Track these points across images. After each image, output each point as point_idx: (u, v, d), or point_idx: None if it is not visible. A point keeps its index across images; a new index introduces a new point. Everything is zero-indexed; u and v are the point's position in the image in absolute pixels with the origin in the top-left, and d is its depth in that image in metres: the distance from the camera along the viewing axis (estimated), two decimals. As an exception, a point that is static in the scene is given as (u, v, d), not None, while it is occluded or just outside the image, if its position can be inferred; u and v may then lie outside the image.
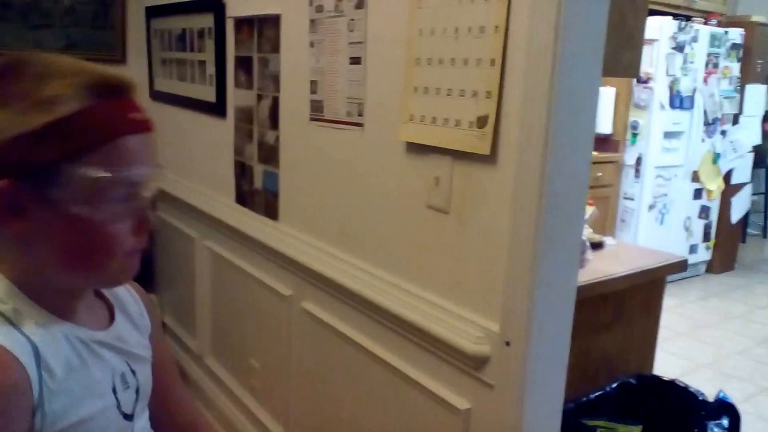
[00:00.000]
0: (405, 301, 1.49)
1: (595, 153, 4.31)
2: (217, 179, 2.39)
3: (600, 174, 4.31)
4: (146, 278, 3.01)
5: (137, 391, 0.88)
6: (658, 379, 1.79)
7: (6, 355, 0.69)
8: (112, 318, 0.89)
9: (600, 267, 1.71)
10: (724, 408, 1.66)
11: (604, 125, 4.40)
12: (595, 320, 1.73)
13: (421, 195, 1.45)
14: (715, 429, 1.61)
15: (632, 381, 1.77)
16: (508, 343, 1.27)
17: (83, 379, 0.78)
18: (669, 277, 4.55)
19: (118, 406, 0.83)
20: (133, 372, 0.88)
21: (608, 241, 1.91)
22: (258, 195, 2.09)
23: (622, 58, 1.68)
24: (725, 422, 1.63)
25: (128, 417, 0.86)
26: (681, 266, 1.85)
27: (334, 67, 1.67)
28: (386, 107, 1.52)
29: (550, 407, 1.35)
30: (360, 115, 1.60)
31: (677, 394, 1.73)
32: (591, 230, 1.89)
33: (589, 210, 1.85)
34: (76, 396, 0.75)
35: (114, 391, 0.83)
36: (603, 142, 4.43)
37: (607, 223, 4.46)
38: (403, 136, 1.47)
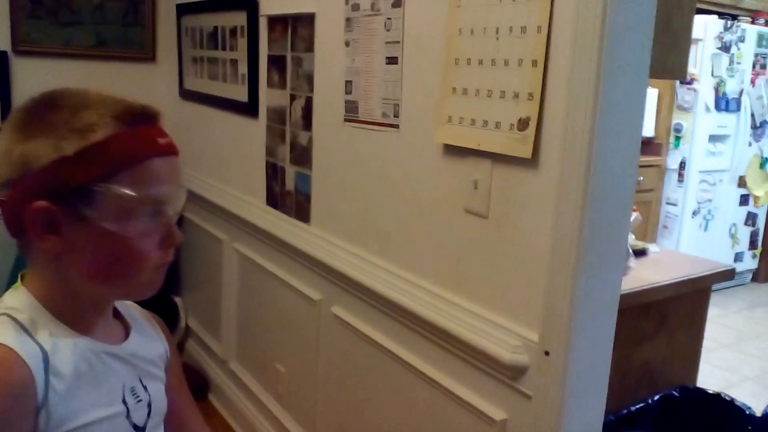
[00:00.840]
0: (439, 308, 1.46)
1: (636, 156, 4.21)
2: (247, 181, 2.36)
3: (641, 178, 4.20)
4: (171, 281, 3.03)
5: (149, 406, 0.91)
6: (702, 391, 1.71)
7: (11, 355, 0.74)
8: (127, 336, 0.92)
9: (643, 275, 1.64)
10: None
11: (646, 128, 4.28)
12: (637, 330, 1.66)
13: (458, 199, 1.41)
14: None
15: (675, 393, 1.70)
16: (547, 353, 1.23)
17: (92, 386, 0.81)
18: (713, 286, 4.46)
19: (128, 416, 0.86)
20: (145, 387, 0.91)
21: (651, 248, 1.84)
22: (289, 197, 2.07)
23: (668, 60, 1.61)
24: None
25: (139, 429, 0.88)
26: (728, 275, 1.77)
27: (369, 66, 1.64)
28: (423, 108, 1.49)
29: (589, 420, 1.30)
30: (396, 116, 1.57)
31: (722, 407, 1.65)
32: (633, 237, 1.82)
33: (632, 216, 1.78)
34: (83, 401, 0.80)
35: (124, 401, 0.86)
36: (645, 146, 4.31)
37: (648, 229, 4.35)
38: (440, 138, 1.43)
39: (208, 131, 2.70)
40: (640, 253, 1.78)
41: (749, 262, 4.79)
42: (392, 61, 1.56)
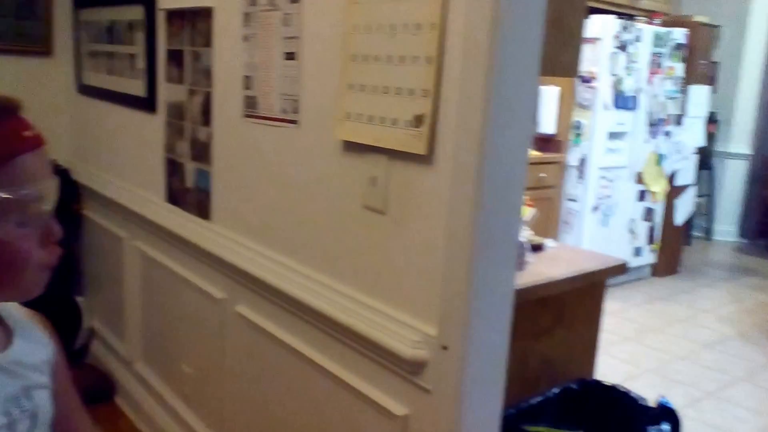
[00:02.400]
0: (341, 304, 1.45)
1: (538, 153, 4.34)
2: (146, 177, 2.30)
3: (543, 175, 4.33)
4: (73, 281, 2.91)
5: (34, 417, 0.86)
6: (599, 383, 1.78)
7: None
8: (9, 342, 0.87)
9: (540, 269, 1.68)
10: (665, 413, 1.65)
11: (548, 125, 4.41)
12: (536, 324, 1.70)
13: (357, 195, 1.41)
14: (655, 434, 1.60)
15: (574, 386, 1.75)
16: (445, 348, 1.24)
17: None
18: (614, 281, 4.67)
19: (11, 428, 0.82)
20: (30, 396, 0.86)
21: (549, 243, 1.89)
22: (190, 194, 2.01)
23: (561, 58, 1.67)
24: (666, 427, 1.62)
25: None
26: (621, 269, 1.84)
27: (268, 62, 1.61)
28: (322, 104, 1.47)
29: (488, 413, 1.32)
30: (295, 112, 1.54)
31: (618, 399, 1.72)
32: (531, 232, 1.87)
33: (530, 211, 1.83)
34: None
35: (7, 413, 0.81)
36: (546, 143, 4.45)
37: (550, 224, 4.48)
38: (339, 134, 1.42)
39: (106, 127, 2.62)
40: (537, 248, 1.83)
41: (648, 257, 5.00)
42: (291, 56, 1.53)
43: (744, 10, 6.18)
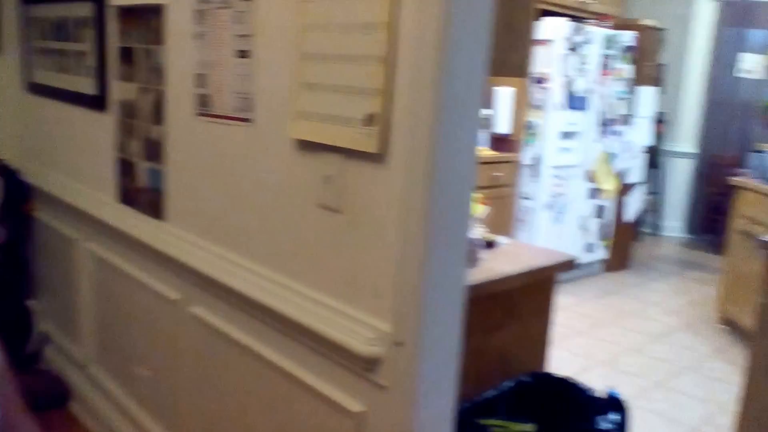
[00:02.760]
0: (296, 303, 1.45)
1: (494, 153, 4.41)
2: (98, 177, 2.26)
3: (499, 174, 4.40)
4: (24, 284, 2.84)
5: None
6: (550, 376, 1.82)
7: None
8: None
9: (492, 266, 1.71)
10: (614, 403, 1.71)
11: (503, 125, 4.49)
12: (489, 319, 1.74)
13: (312, 194, 1.41)
14: (604, 424, 1.65)
15: (527, 379, 1.79)
16: (400, 344, 1.26)
17: None
18: (567, 276, 4.77)
19: None
20: None
21: (502, 240, 1.93)
22: (143, 194, 1.98)
23: (511, 58, 1.70)
24: (614, 417, 1.67)
25: None
26: (570, 265, 1.89)
27: (221, 60, 1.60)
28: (276, 103, 1.47)
29: (443, 407, 1.34)
30: (249, 110, 1.54)
31: (569, 391, 1.76)
32: (485, 229, 1.90)
33: (483, 209, 1.86)
34: None
35: None
36: (502, 142, 4.53)
37: (506, 222, 4.56)
38: (293, 133, 1.42)
39: (56, 126, 2.57)
40: (490, 244, 1.86)
41: (600, 253, 5.13)
42: (244, 54, 1.53)
43: (688, 14, 6.38)
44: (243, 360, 1.64)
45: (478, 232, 1.80)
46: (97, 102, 2.16)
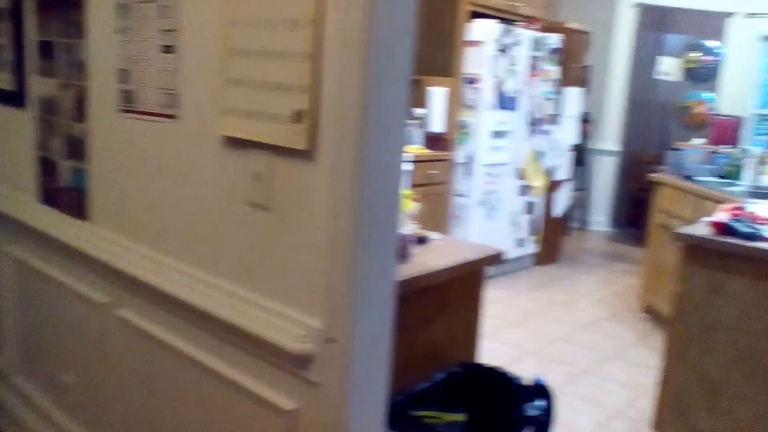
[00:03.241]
0: (226, 303, 1.44)
1: (428, 151, 4.47)
2: (18, 177, 2.17)
3: (434, 172, 4.46)
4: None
5: None
6: (481, 366, 1.86)
7: None
8: None
9: (424, 260, 1.74)
10: (540, 390, 1.76)
11: (437, 124, 4.56)
12: (421, 313, 1.77)
13: (241, 192, 1.40)
14: (532, 411, 1.70)
15: (458, 370, 1.83)
16: (331, 340, 1.26)
17: None
18: (500, 270, 4.88)
19: None
20: None
21: (433, 235, 1.96)
22: (65, 194, 1.92)
23: (438, 58, 1.73)
24: (541, 403, 1.73)
25: None
26: (498, 258, 1.94)
27: (145, 55, 1.57)
28: (202, 99, 1.45)
29: (375, 401, 1.36)
30: (174, 106, 1.52)
31: (498, 380, 1.81)
32: (417, 225, 1.93)
33: (415, 206, 1.89)
34: None
35: None
36: (436, 141, 4.60)
37: (441, 219, 4.63)
38: (220, 130, 1.41)
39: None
40: (422, 240, 1.89)
41: (530, 247, 5.28)
42: (168, 49, 1.50)
43: (611, 18, 6.64)
44: (174, 363, 1.61)
45: (409, 227, 1.83)
46: (15, 98, 2.07)
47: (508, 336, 3.88)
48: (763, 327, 2.28)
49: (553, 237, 5.54)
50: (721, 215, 2.48)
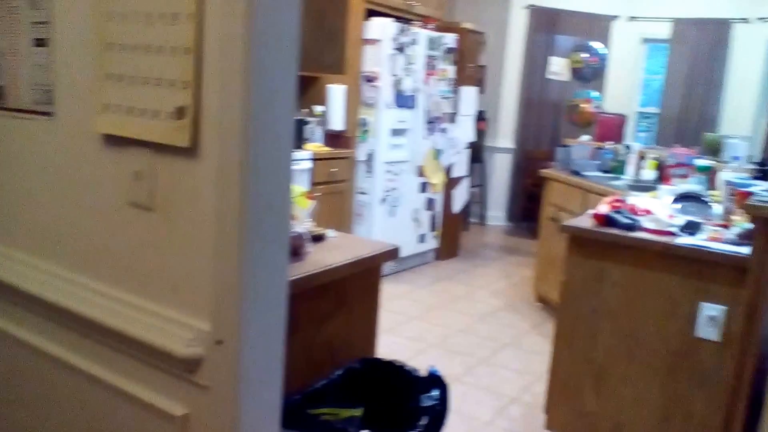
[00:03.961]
0: (110, 308, 1.38)
1: (329, 149, 4.47)
2: None
3: (335, 170, 4.47)
4: None
5: None
6: (378, 361, 1.88)
7: None
8: None
9: (319, 258, 1.74)
10: (435, 381, 1.80)
11: (337, 122, 4.57)
12: (318, 310, 1.76)
13: (122, 192, 1.35)
14: (427, 401, 1.74)
15: (356, 366, 1.84)
16: (220, 342, 1.24)
17: None
18: (402, 265, 4.95)
19: None
20: None
21: (330, 233, 1.96)
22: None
23: (325, 55, 1.73)
24: (435, 393, 1.77)
25: None
26: (394, 254, 1.96)
27: (15, 48, 1.47)
28: (79, 95, 1.39)
29: (269, 402, 1.34)
30: (49, 103, 1.44)
31: (395, 373, 1.83)
32: (313, 223, 1.93)
33: (310, 204, 1.88)
34: None
35: None
36: (337, 139, 4.60)
37: (344, 216, 4.64)
38: (99, 128, 1.35)
39: None
40: (318, 238, 1.89)
41: (431, 242, 5.40)
42: (41, 42, 1.42)
43: (504, 19, 6.87)
44: (57, 374, 1.52)
45: (305, 225, 1.82)
46: None
47: (410, 330, 3.95)
48: (642, 312, 2.43)
49: (453, 232, 5.68)
50: (603, 208, 2.63)
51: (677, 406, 2.40)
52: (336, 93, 4.53)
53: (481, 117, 6.27)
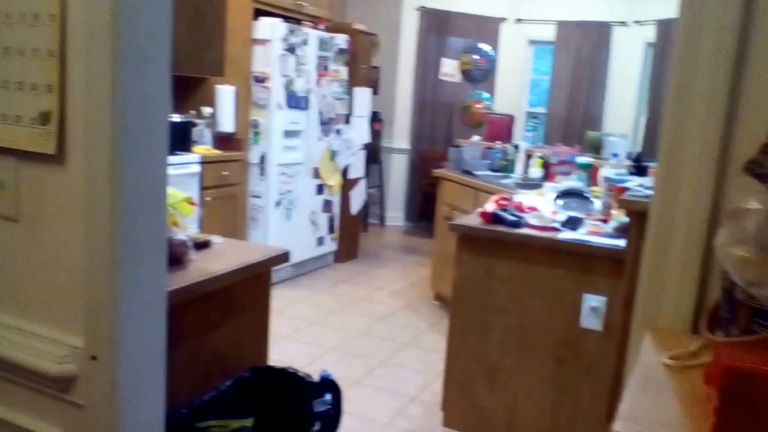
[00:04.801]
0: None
1: (219, 152, 4.36)
2: None
3: (226, 173, 4.36)
4: None
5: None
6: (270, 369, 1.85)
7: None
8: None
9: (204, 266, 1.69)
10: (327, 385, 1.79)
11: (227, 124, 4.46)
12: (203, 320, 1.71)
13: (-18, 203, 1.25)
14: (320, 406, 1.73)
15: (246, 375, 1.80)
16: (94, 358, 1.19)
17: None
18: (301, 269, 4.92)
19: None
20: None
21: (215, 239, 1.91)
22: None
23: (204, 57, 1.69)
24: (328, 398, 1.76)
25: None
26: (285, 258, 1.94)
27: None
28: (-71, 99, 1.27)
29: (150, 417, 1.30)
30: None
31: (288, 380, 1.81)
32: (196, 230, 1.87)
33: (193, 210, 1.82)
34: None
35: None
36: (227, 141, 4.50)
37: (238, 221, 4.55)
38: (-47, 135, 1.24)
39: None
40: (202, 245, 1.83)
41: (330, 245, 5.38)
42: None
43: (397, 21, 6.97)
44: None
45: (188, 232, 1.76)
46: None
47: (309, 335, 3.92)
48: (530, 306, 2.54)
49: (352, 234, 5.70)
50: (490, 206, 2.72)
51: (566, 395, 2.52)
52: (225, 94, 4.43)
53: (376, 118, 6.33)
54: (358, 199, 5.65)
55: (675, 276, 1.35)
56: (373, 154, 6.45)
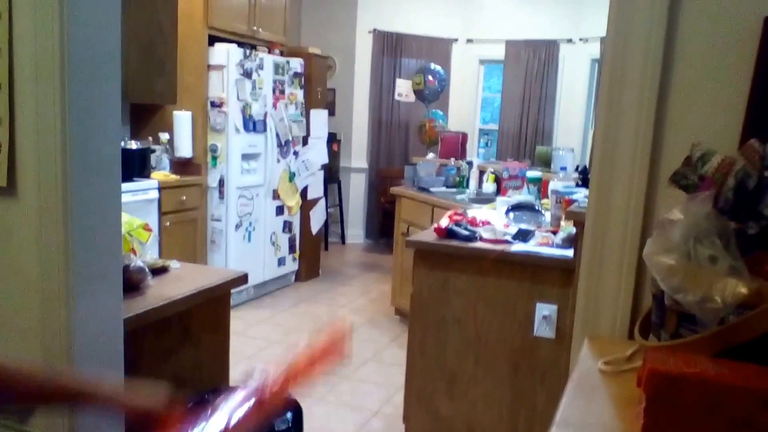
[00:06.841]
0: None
1: (177, 177, 4.36)
2: None
3: (184, 198, 4.36)
4: None
5: None
6: (231, 389, 1.87)
7: None
8: None
9: (162, 292, 1.71)
10: (288, 403, 1.82)
11: (185, 149, 4.46)
12: (162, 344, 1.73)
13: (-68, 236, 1.25)
14: (281, 425, 1.76)
15: (206, 396, 1.82)
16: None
17: None
18: (263, 290, 4.92)
19: None
20: None
21: (173, 264, 1.93)
22: None
23: (155, 85, 1.72)
24: (289, 416, 1.79)
25: None
26: (244, 280, 1.97)
27: None
28: None
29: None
30: None
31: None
32: (153, 256, 1.89)
33: (150, 236, 1.84)
34: None
35: None
36: (185, 166, 4.50)
37: (198, 245, 4.54)
38: None
39: None
40: (160, 271, 1.85)
41: (291, 265, 5.40)
42: None
43: (351, 43, 7.07)
44: None
45: (145, 258, 1.78)
46: None
47: (271, 355, 3.92)
48: (486, 316, 2.60)
49: (313, 253, 5.72)
50: (444, 221, 2.79)
51: (522, 401, 2.59)
52: (182, 120, 4.44)
53: (333, 139, 6.39)
54: (318, 218, 5.68)
55: (611, 284, 1.41)
56: (332, 174, 6.50)
